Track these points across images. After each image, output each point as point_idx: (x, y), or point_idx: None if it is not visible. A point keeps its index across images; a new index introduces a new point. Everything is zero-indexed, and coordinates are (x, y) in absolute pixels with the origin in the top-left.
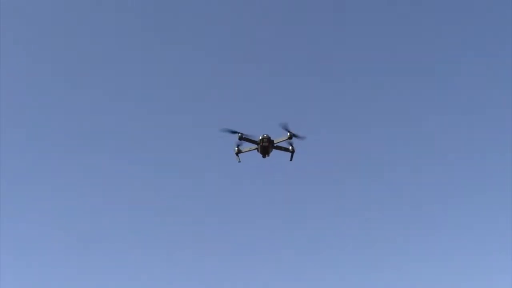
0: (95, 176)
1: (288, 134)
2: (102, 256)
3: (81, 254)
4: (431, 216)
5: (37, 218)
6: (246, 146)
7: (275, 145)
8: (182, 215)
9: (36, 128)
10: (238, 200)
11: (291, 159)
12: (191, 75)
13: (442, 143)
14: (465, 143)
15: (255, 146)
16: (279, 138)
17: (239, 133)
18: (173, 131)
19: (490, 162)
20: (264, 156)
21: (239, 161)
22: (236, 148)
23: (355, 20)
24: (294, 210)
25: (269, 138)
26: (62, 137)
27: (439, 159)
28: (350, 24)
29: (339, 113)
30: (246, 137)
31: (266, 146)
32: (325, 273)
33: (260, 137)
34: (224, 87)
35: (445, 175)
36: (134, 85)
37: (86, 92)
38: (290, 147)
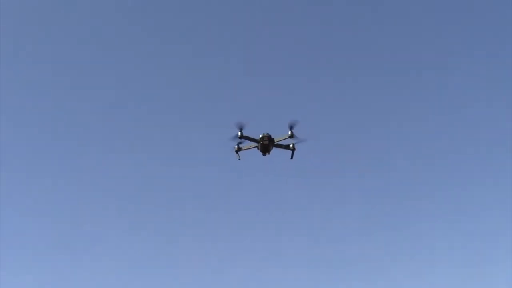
0: (95, 176)
1: (290, 132)
2: (102, 256)
3: (80, 254)
4: (430, 216)
5: (36, 218)
6: (246, 144)
7: (275, 143)
8: (181, 213)
9: (35, 128)
10: (238, 198)
11: (291, 157)
12: (192, 74)
13: (441, 142)
14: (464, 142)
15: (255, 144)
16: (280, 136)
17: (240, 131)
18: (172, 130)
19: (490, 162)
20: (264, 154)
21: (239, 159)
22: (236, 146)
23: (355, 20)
24: (294, 207)
25: (270, 136)
26: (61, 137)
27: (438, 158)
28: (350, 24)
29: (339, 112)
30: (247, 135)
31: (266, 145)
32: (324, 271)
33: (261, 136)
34: (224, 86)
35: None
36: (135, 85)
37: (87, 92)
38: (291, 145)
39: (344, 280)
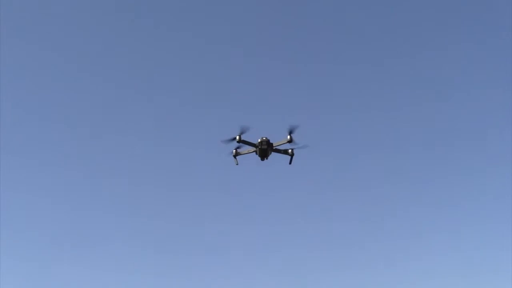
0: (93, 177)
1: (288, 137)
2: (100, 255)
3: (79, 253)
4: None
5: (35, 217)
6: (244, 148)
7: (274, 148)
8: (180, 217)
9: (35, 126)
10: (236, 202)
11: (290, 163)
12: (191, 75)
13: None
14: (465, 143)
15: (253, 148)
16: (279, 141)
17: (237, 136)
18: (171, 132)
19: (491, 163)
20: (262, 159)
21: (237, 164)
22: (234, 151)
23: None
24: (292, 213)
25: (268, 141)
26: (61, 137)
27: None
28: (351, 24)
29: (337, 114)
30: (245, 139)
31: (265, 149)
32: (323, 274)
33: (259, 140)
34: (222, 88)
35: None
36: (135, 85)
37: (86, 91)
38: (289, 151)
39: (344, 282)
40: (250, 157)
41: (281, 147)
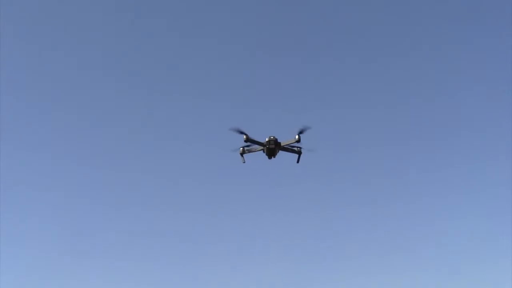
0: (95, 179)
1: (297, 137)
2: (99, 255)
3: (79, 252)
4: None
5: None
6: (252, 147)
7: (281, 147)
8: (185, 215)
9: (35, 126)
10: (242, 201)
11: (298, 161)
12: (196, 74)
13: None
14: (464, 143)
15: (261, 147)
16: (286, 140)
17: (245, 134)
18: (177, 131)
19: (492, 159)
20: (270, 158)
21: (244, 162)
22: (241, 149)
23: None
24: (297, 211)
25: (276, 140)
26: (61, 137)
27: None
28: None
29: (342, 113)
30: (253, 138)
31: (272, 148)
32: (327, 274)
33: (267, 139)
34: (229, 87)
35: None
36: (138, 84)
37: (85, 92)
38: (297, 149)
39: (345, 278)
40: (258, 155)
41: (289, 146)
